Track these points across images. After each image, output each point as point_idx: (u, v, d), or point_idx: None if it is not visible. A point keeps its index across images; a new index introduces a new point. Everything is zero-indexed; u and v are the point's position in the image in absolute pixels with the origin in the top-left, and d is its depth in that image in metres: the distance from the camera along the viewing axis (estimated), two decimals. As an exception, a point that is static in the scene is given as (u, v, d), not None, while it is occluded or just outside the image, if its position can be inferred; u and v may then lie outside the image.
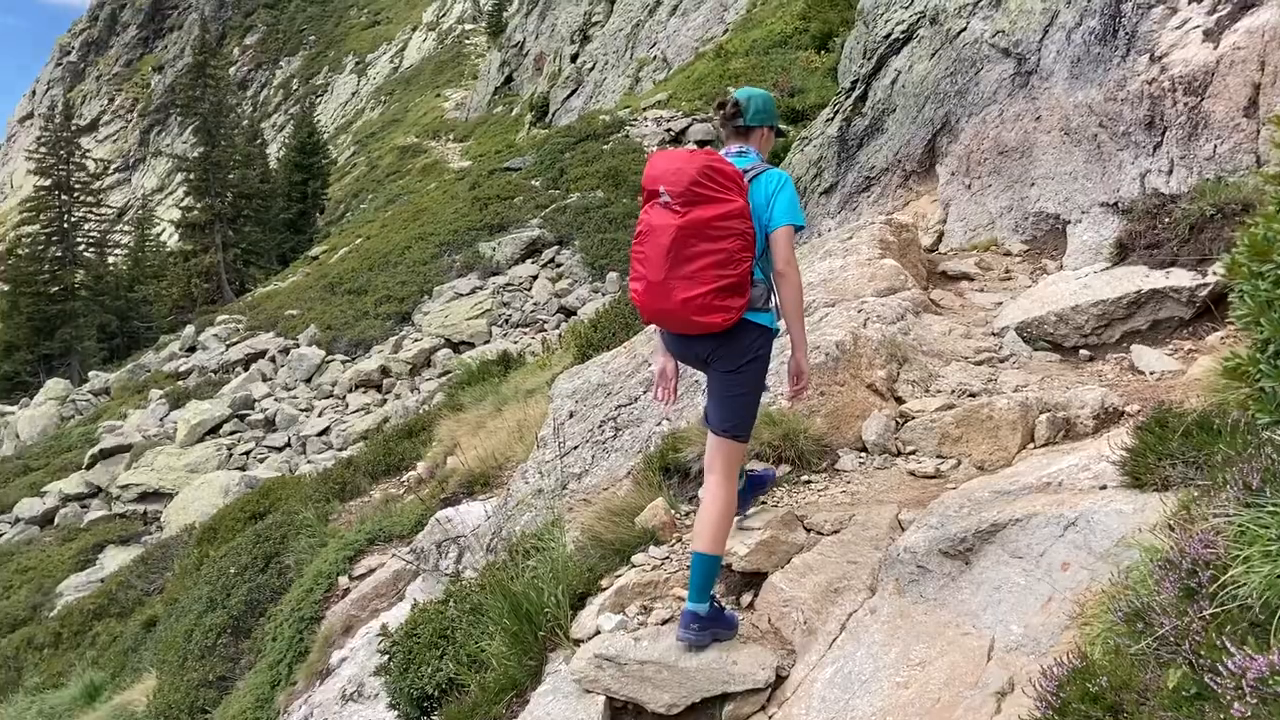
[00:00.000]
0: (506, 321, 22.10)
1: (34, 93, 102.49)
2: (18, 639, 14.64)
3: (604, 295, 20.32)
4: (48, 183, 43.11)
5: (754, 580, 3.70)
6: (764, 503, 4.03)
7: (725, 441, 3.44)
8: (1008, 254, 7.05)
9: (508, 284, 23.23)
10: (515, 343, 19.63)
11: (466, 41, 77.28)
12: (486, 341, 21.28)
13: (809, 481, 4.20)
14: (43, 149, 43.43)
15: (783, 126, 3.85)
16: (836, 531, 3.74)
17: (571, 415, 6.59)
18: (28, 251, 42.95)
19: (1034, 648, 2.76)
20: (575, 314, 20.27)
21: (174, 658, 9.07)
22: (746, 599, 3.66)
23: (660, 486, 4.42)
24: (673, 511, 4.19)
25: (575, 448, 6.12)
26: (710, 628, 3.36)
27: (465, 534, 6.82)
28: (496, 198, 27.33)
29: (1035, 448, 4.11)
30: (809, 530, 3.81)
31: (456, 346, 21.95)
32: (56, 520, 21.33)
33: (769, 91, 4.70)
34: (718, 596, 3.46)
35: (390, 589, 7.28)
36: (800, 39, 26.29)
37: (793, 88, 23.63)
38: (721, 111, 3.65)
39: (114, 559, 17.82)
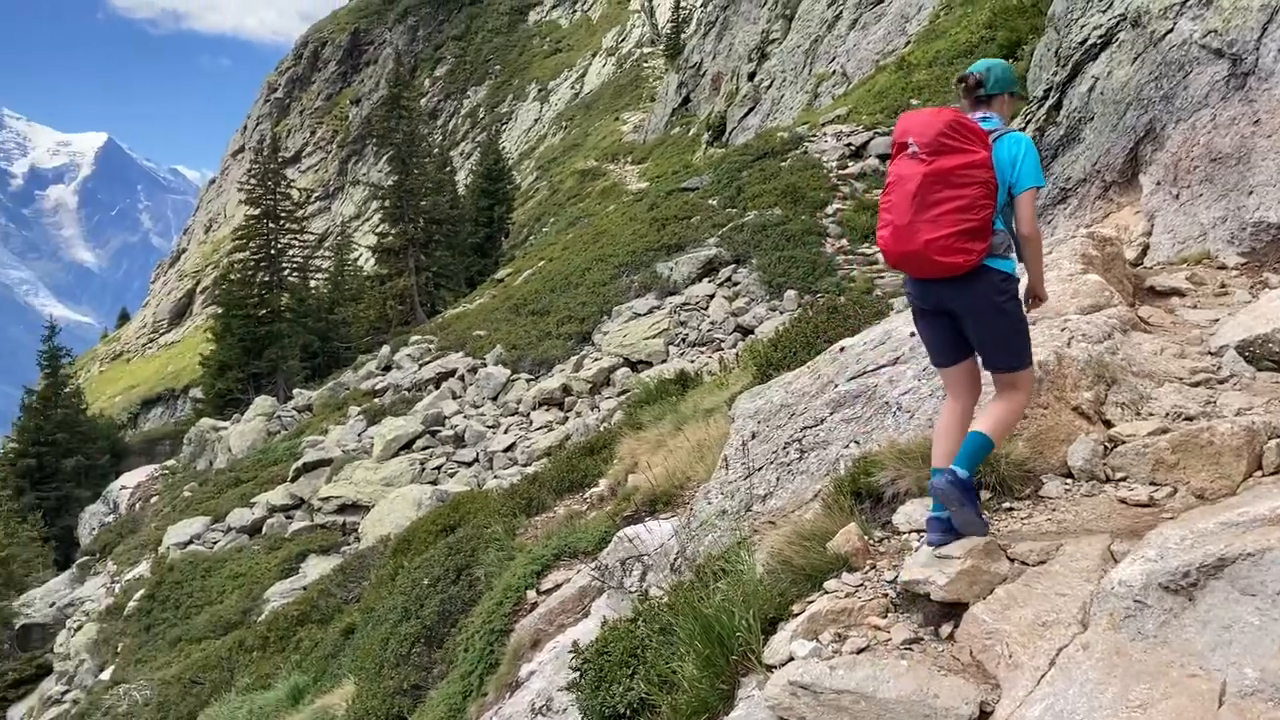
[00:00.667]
0: (684, 341, 22.22)
1: (245, 128, 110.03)
2: (230, 641, 15.60)
3: (782, 313, 20.17)
4: (257, 212, 46.05)
5: (953, 611, 3.56)
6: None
7: (1014, 375, 3.72)
8: (1222, 267, 6.59)
9: (685, 303, 23.36)
10: (692, 362, 19.71)
11: (645, 65, 78.41)
12: (664, 361, 21.45)
13: (1011, 509, 4.02)
14: (252, 180, 46.46)
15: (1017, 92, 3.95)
16: (1043, 562, 3.56)
17: (754, 436, 6.53)
18: (239, 277, 45.97)
19: (1273, 694, 2.54)
20: (752, 333, 20.19)
21: (371, 665, 9.46)
22: (946, 630, 3.53)
23: (852, 511, 4.32)
24: (865, 538, 4.09)
25: (759, 469, 6.07)
26: (970, 498, 3.57)
27: (649, 552, 6.85)
28: (674, 218, 27.58)
29: (1264, 476, 3.81)
30: (1012, 560, 3.64)
31: (635, 366, 22.21)
32: (264, 530, 22.67)
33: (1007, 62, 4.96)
34: (917, 627, 3.36)
35: (576, 605, 7.38)
36: (986, 48, 25.48)
37: (978, 98, 22.93)
38: (963, 85, 3.86)
39: (315, 568, 18.79)
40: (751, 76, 41.14)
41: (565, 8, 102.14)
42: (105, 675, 19.88)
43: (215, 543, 22.83)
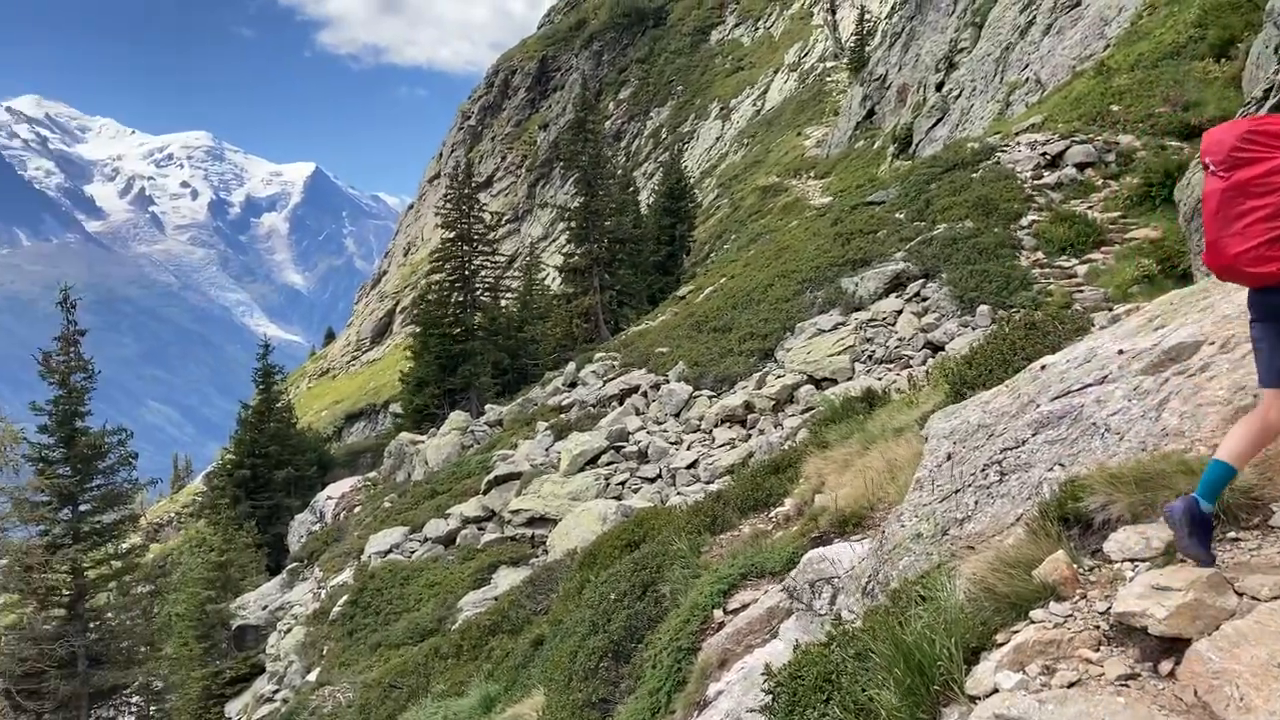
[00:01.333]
0: (869, 358, 21.80)
1: (440, 155, 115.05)
2: (426, 648, 16.23)
3: (974, 329, 19.52)
4: (452, 235, 48.00)
5: (1174, 647, 3.34)
6: (1183, 560, 3.65)
7: None
8: None
9: (871, 319, 22.93)
10: (879, 379, 19.30)
11: (827, 79, 77.69)
12: (849, 378, 21.10)
13: (1237, 539, 3.75)
14: (447, 205, 48.46)
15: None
16: (1276, 598, 3.30)
17: (949, 457, 6.33)
18: (435, 297, 48.03)
19: None
20: (942, 350, 19.61)
21: (560, 676, 9.64)
22: (1166, 667, 3.31)
23: (1059, 537, 4.11)
24: (1074, 566, 3.89)
25: (956, 491, 5.87)
26: (1203, 532, 3.49)
27: (839, 575, 6.73)
28: (859, 232, 27.14)
29: None
30: (1240, 595, 3.39)
31: (819, 383, 21.93)
32: (458, 540, 23.52)
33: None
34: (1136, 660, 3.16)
35: (763, 625, 7.32)
36: (1195, 48, 24.06)
37: (1185, 101, 21.66)
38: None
39: (506, 579, 19.35)
40: (939, 87, 40.12)
41: (748, 26, 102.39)
42: (311, 676, 21.02)
43: (413, 552, 23.83)
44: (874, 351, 21.76)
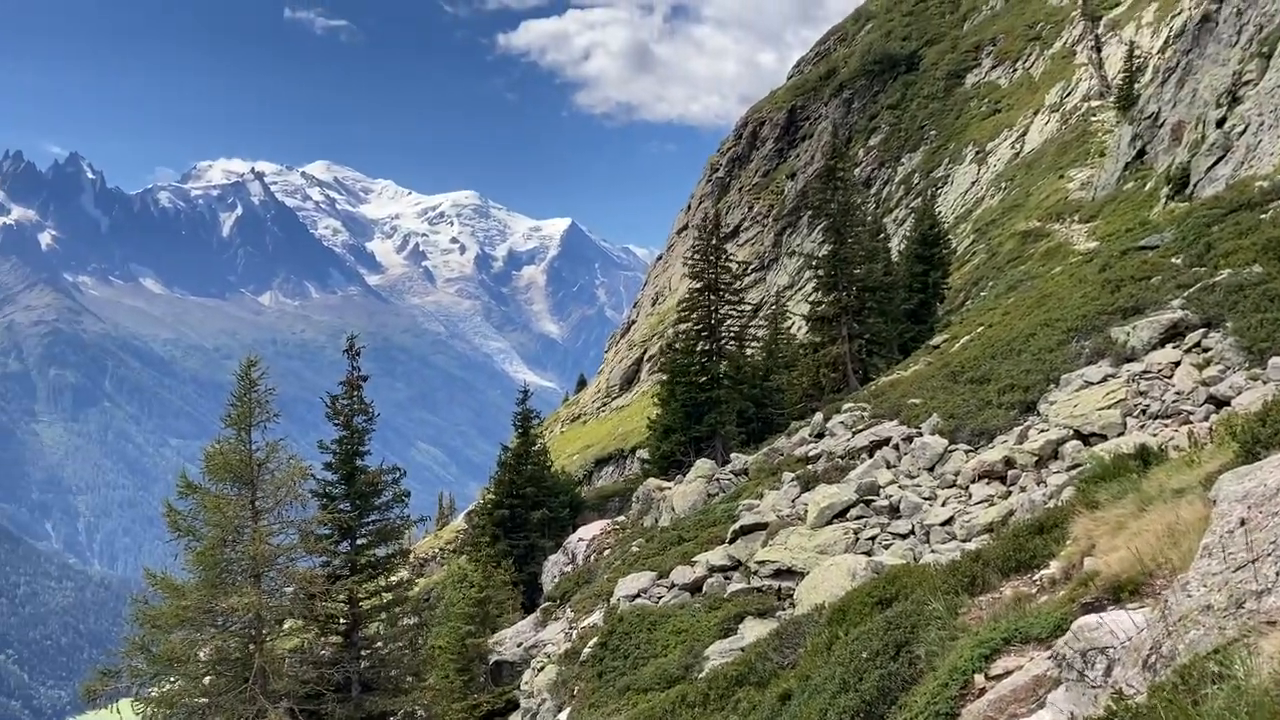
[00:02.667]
0: (1143, 412, 20.31)
1: (689, 207, 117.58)
2: (674, 695, 16.32)
3: (1266, 383, 17.85)
4: (699, 285, 48.67)
5: None
6: None
7: None
8: None
9: (1144, 371, 21.41)
10: (1154, 435, 17.94)
11: (1092, 119, 73.97)
12: (1120, 434, 19.72)
13: None
14: (695, 255, 49.27)
15: None
16: None
17: (1243, 523, 5.80)
18: (682, 346, 48.72)
19: None
20: (1227, 404, 18.02)
21: (809, 733, 9.45)
22: None
23: (1383, 618, 3.68)
24: (1404, 651, 3.47)
25: (1252, 561, 5.37)
26: None
27: (1115, 645, 6.28)
28: (1130, 279, 25.49)
29: None
30: None
31: (1086, 438, 20.63)
32: (704, 589, 23.58)
33: None
34: None
35: (1029, 694, 6.93)
36: None
37: None
38: None
39: (752, 630, 19.21)
40: (1220, 123, 37.30)
41: (1005, 68, 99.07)
42: (563, 716, 21.57)
43: (660, 598, 24.09)
44: (1148, 406, 20.29)
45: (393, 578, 27.79)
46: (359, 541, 26.90)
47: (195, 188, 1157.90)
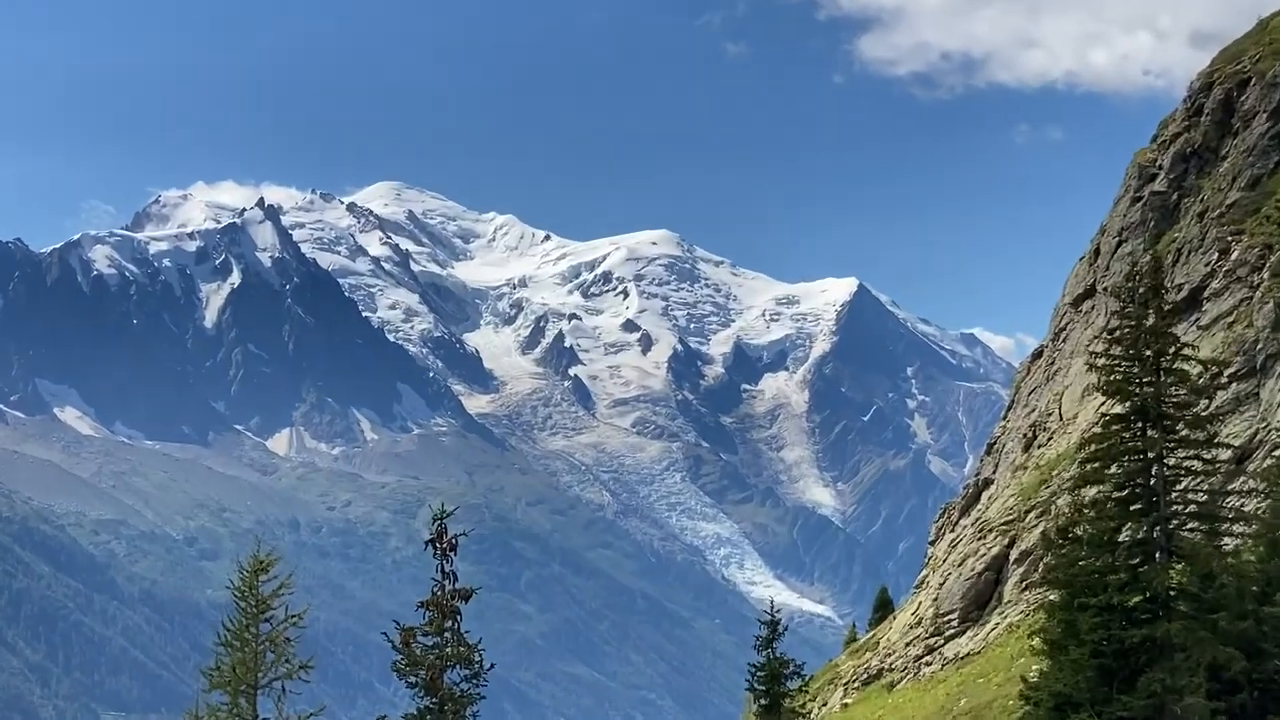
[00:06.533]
0: None
1: (1093, 253, 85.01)
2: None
3: None
4: (1122, 409, 25.43)
5: None
6: None
7: None
8: None
9: None
10: None
11: None
12: None
13: None
14: (1111, 349, 26.07)
15: None
16: None
17: None
18: (1090, 532, 25.68)
19: None
20: None
21: None
22: None
23: None
24: None
25: None
26: None
27: None
28: None
29: None
30: None
31: None
32: None
33: None
34: None
35: None
36: None
37: None
38: None
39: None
40: None
41: None
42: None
43: None
44: None
45: None
46: None
47: (155, 238, 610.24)
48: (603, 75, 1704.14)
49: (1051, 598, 27.85)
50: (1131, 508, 25.89)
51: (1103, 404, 32.34)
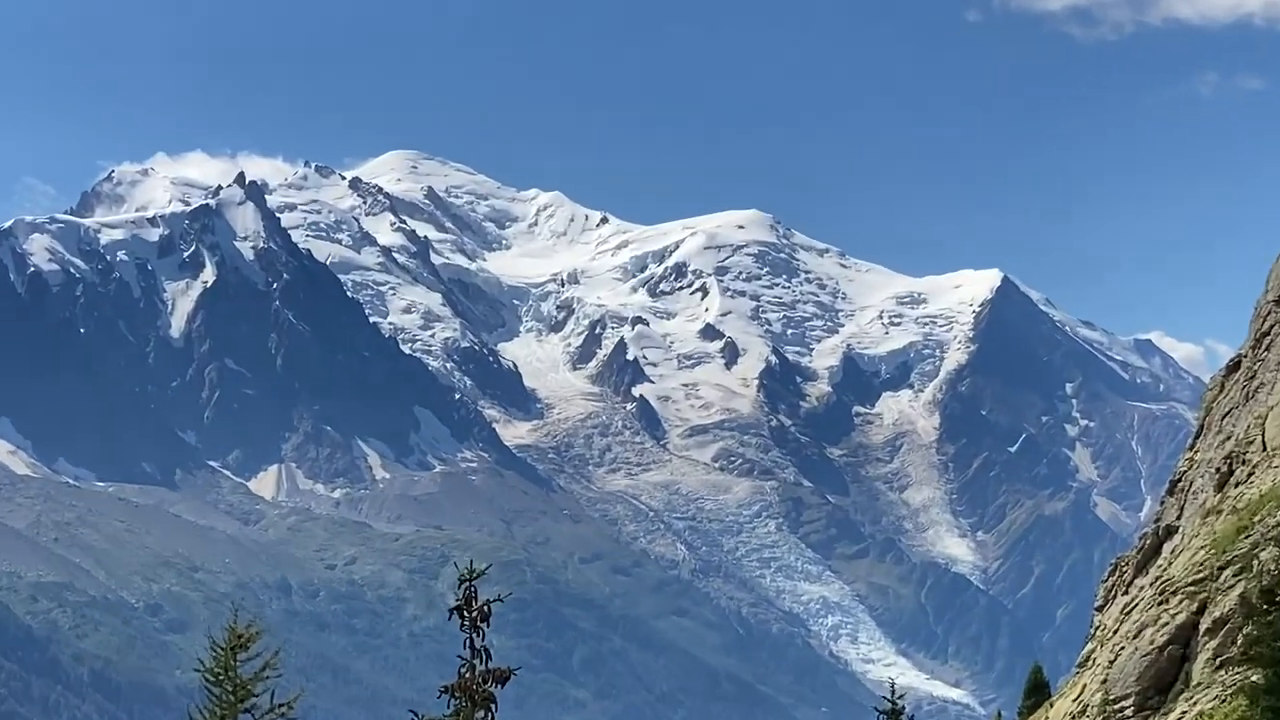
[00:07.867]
0: None
1: None
2: None
3: None
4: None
5: None
6: None
7: None
8: None
9: None
10: None
11: None
12: None
13: None
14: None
15: None
16: None
17: None
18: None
19: None
20: None
21: None
22: None
23: None
24: None
25: None
26: None
27: None
28: None
29: None
30: None
31: None
32: None
33: None
34: None
35: None
36: None
37: None
38: None
39: None
40: None
41: None
42: None
43: None
44: None
45: None
46: None
47: (106, 224, 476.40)
48: (672, 15, 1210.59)
49: (1254, 678, 23.33)
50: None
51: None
